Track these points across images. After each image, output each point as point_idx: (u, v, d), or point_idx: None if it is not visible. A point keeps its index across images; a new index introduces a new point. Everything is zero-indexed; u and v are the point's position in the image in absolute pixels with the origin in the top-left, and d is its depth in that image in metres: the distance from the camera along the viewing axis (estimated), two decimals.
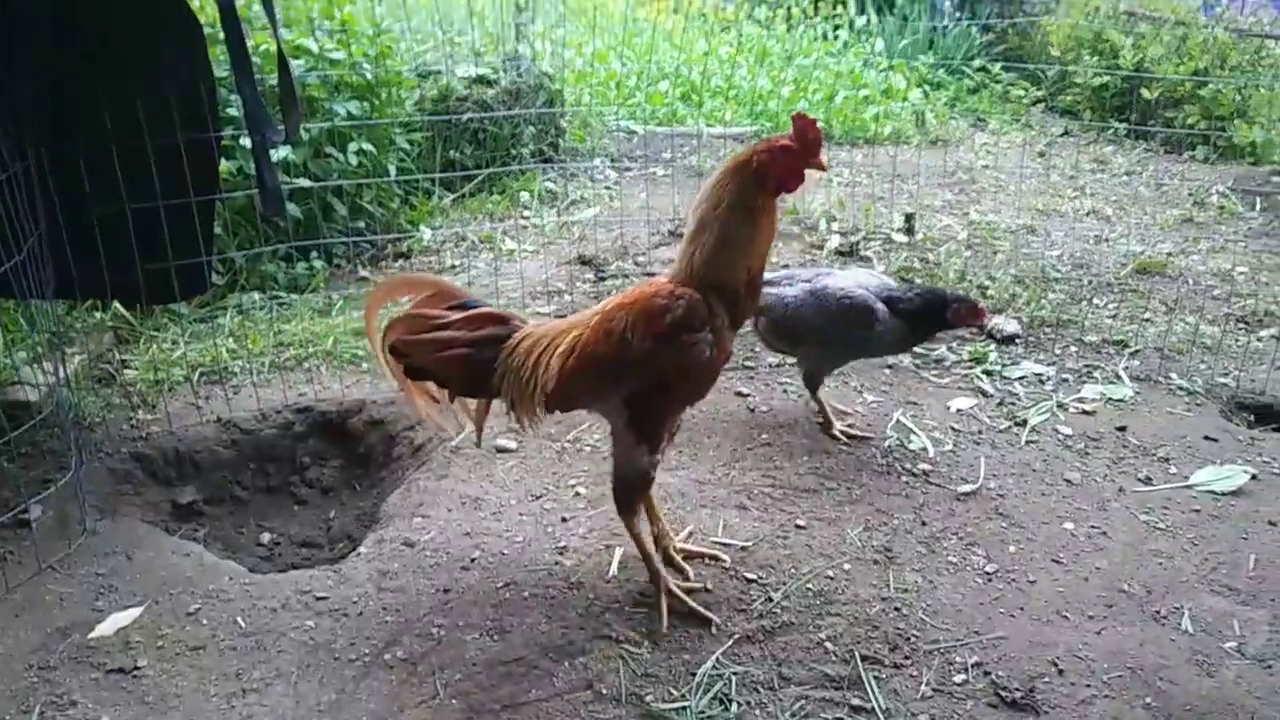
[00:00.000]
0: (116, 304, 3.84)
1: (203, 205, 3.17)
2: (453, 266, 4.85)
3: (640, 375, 2.24)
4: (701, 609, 2.40)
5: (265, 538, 3.21)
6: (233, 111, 4.21)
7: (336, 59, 4.94)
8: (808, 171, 2.21)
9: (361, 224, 5.01)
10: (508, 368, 2.37)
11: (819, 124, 2.19)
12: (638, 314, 2.21)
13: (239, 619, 2.42)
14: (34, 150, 2.83)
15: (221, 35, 2.94)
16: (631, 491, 2.41)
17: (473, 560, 2.61)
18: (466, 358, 2.39)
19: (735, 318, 2.26)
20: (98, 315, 3.94)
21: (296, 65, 4.67)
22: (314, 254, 4.72)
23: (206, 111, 3.06)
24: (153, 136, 2.93)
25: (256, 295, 4.38)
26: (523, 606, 2.43)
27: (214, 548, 3.00)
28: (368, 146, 4.98)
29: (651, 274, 4.67)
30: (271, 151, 4.35)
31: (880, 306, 3.03)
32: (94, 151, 2.93)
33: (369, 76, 5.08)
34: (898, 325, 3.04)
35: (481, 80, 6.09)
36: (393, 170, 5.15)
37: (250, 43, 4.18)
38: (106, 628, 2.42)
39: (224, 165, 4.09)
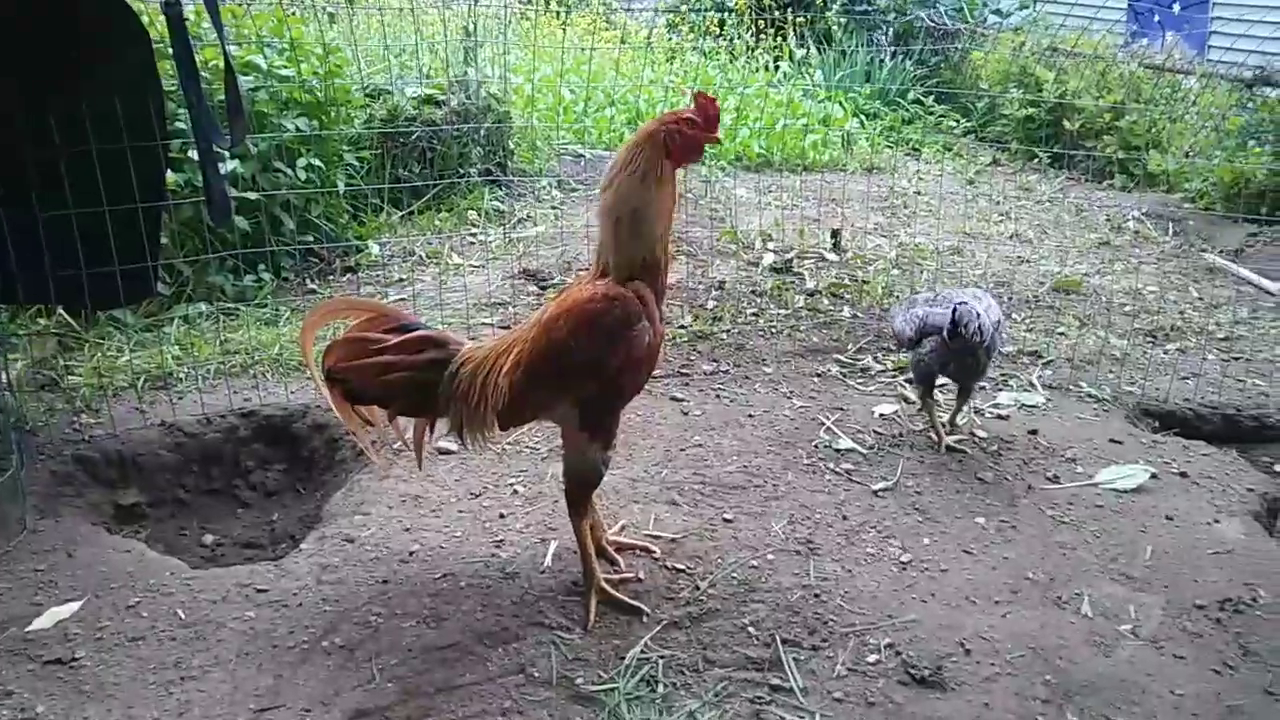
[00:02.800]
0: (61, 311, 3.86)
1: (149, 211, 3.24)
2: (400, 280, 4.93)
3: (589, 378, 2.31)
4: (630, 600, 2.50)
5: (208, 539, 3.25)
6: (181, 125, 4.27)
7: (285, 76, 5.02)
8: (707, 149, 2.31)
9: (310, 238, 5.08)
10: (453, 394, 2.40)
11: (717, 102, 2.32)
12: (576, 322, 2.27)
13: (179, 611, 2.48)
14: None
15: (170, 50, 3.03)
16: (585, 489, 2.47)
17: (412, 554, 2.69)
18: (408, 380, 2.43)
19: (659, 289, 2.33)
20: (41, 322, 3.95)
21: (245, 81, 4.75)
22: (261, 266, 4.78)
23: (154, 120, 3.13)
24: (100, 143, 3.00)
25: (203, 306, 4.42)
26: (459, 596, 2.52)
27: (156, 549, 3.02)
28: (316, 162, 5.05)
29: None
30: (220, 165, 4.49)
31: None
32: (41, 157, 2.98)
33: (318, 94, 5.16)
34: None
35: (430, 101, 6.20)
36: (341, 186, 5.23)
37: (200, 58, 4.26)
38: (44, 621, 2.45)
39: (171, 177, 4.14)
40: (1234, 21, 8.53)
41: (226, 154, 4.53)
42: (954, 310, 3.08)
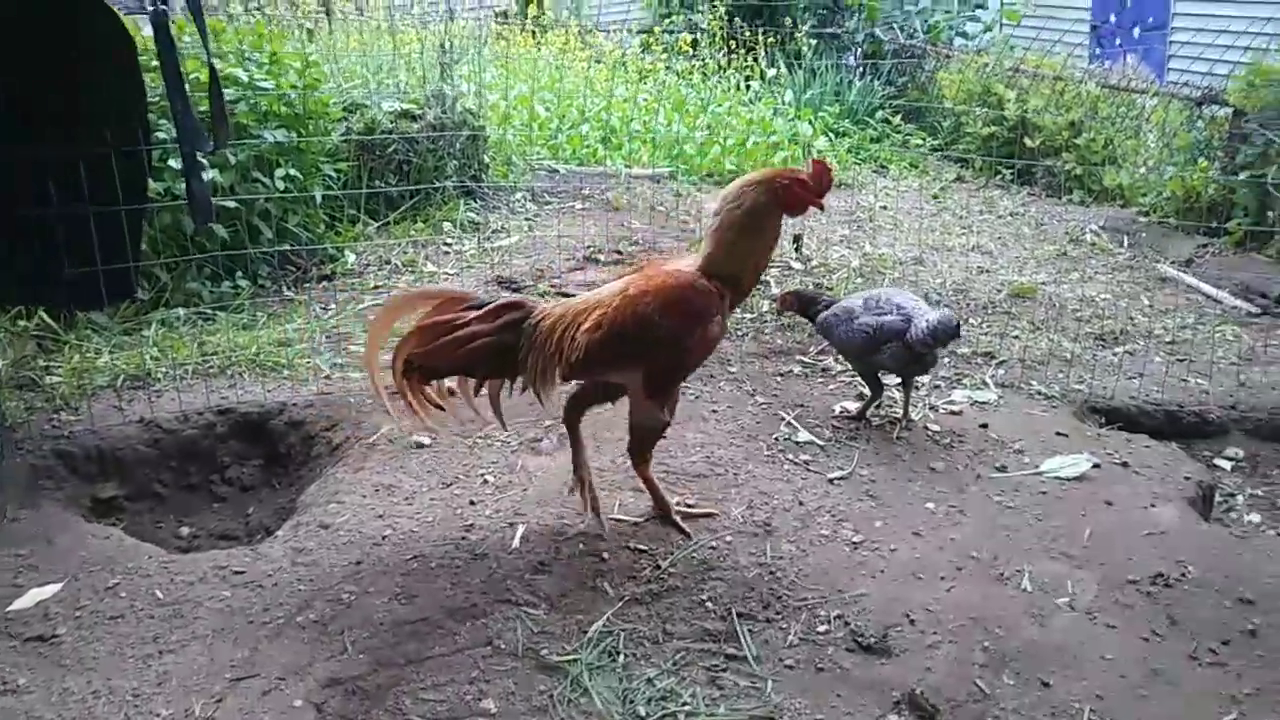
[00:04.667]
0: (41, 313, 3.95)
1: (131, 213, 3.34)
2: (375, 287, 5.04)
3: (664, 350, 2.60)
4: (702, 511, 2.92)
5: (184, 531, 3.34)
6: (162, 135, 4.38)
7: (265, 88, 5.15)
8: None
9: (287, 246, 5.18)
10: (531, 345, 2.65)
11: (833, 171, 2.65)
12: (665, 300, 2.57)
13: (157, 591, 2.57)
14: None
15: (155, 59, 3.15)
16: (648, 442, 2.81)
17: (384, 538, 2.80)
18: (490, 345, 2.66)
19: (734, 304, 2.70)
20: (21, 323, 4.03)
21: (227, 93, 4.87)
22: (239, 274, 4.88)
23: (138, 125, 3.25)
24: (85, 146, 3.11)
25: (181, 311, 4.51)
26: (429, 575, 2.62)
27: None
28: (294, 173, 5.17)
29: (565, 294, 4.93)
30: (203, 173, 4.59)
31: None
32: (26, 157, 3.09)
33: (297, 106, 5.29)
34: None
35: (406, 115, 6.34)
36: (318, 197, 5.35)
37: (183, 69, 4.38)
38: (25, 601, 2.54)
39: (152, 185, 4.24)
40: (1190, 44, 8.83)
41: (206, 163, 4.66)
42: (938, 322, 3.31)
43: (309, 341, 4.23)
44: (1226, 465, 3.81)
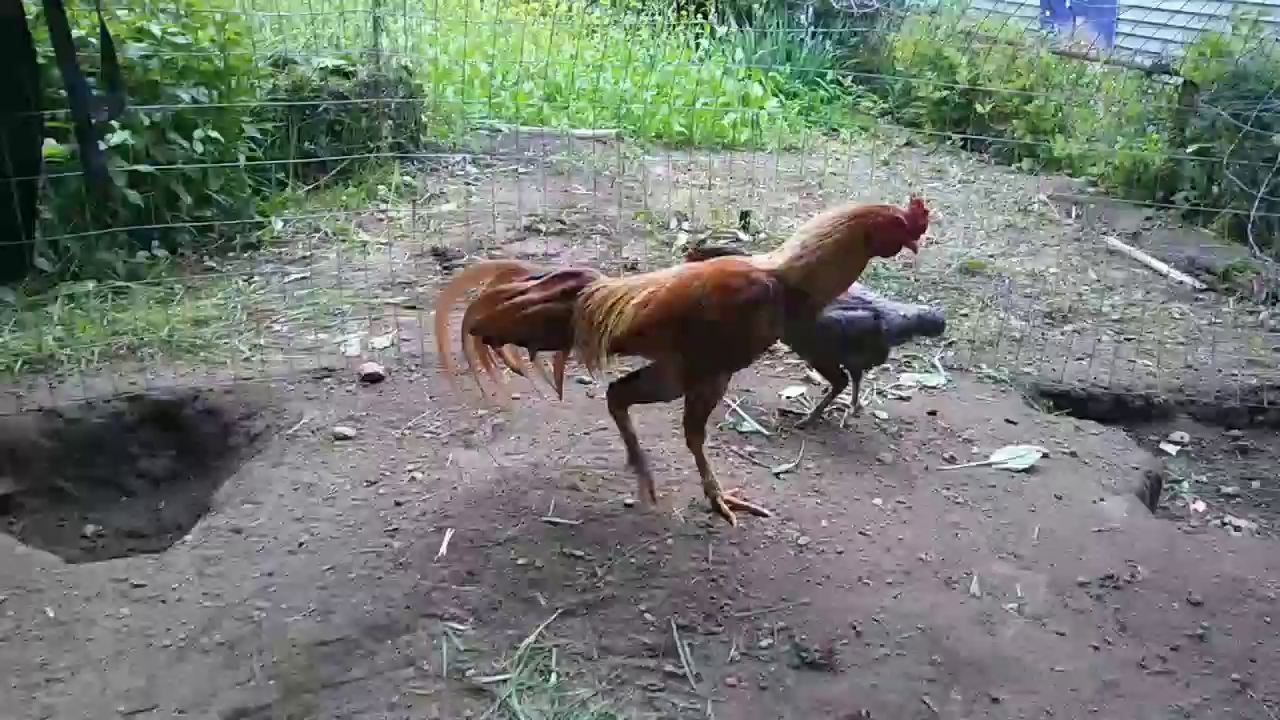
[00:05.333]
0: None
1: (23, 186, 3.05)
2: (304, 257, 4.78)
3: (705, 334, 2.54)
4: (753, 505, 2.84)
5: (89, 530, 3.13)
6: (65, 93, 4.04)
7: (181, 44, 4.80)
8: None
9: (208, 213, 4.88)
10: (581, 314, 2.61)
11: (930, 212, 2.59)
12: (713, 285, 2.52)
13: (48, 609, 2.36)
14: None
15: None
16: (701, 417, 2.74)
17: (301, 544, 2.61)
18: (545, 313, 2.63)
19: (796, 314, 2.59)
20: None
21: (138, 48, 4.53)
22: (155, 242, 4.58)
23: (27, 89, 2.95)
24: None
25: (91, 284, 4.22)
26: (348, 588, 2.45)
27: (33, 541, 2.89)
28: (215, 134, 4.85)
29: None
30: (110, 136, 4.27)
31: None
32: None
33: (218, 63, 4.95)
34: None
35: (338, 72, 6.00)
36: (242, 159, 5.04)
37: (80, 30, 4.05)
38: None
39: (56, 148, 3.93)
40: (1137, 8, 8.75)
41: (116, 125, 4.34)
42: (920, 318, 3.38)
43: (229, 319, 3.97)
44: (1172, 450, 3.79)
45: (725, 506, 2.79)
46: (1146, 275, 5.40)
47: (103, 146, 4.12)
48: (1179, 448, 3.80)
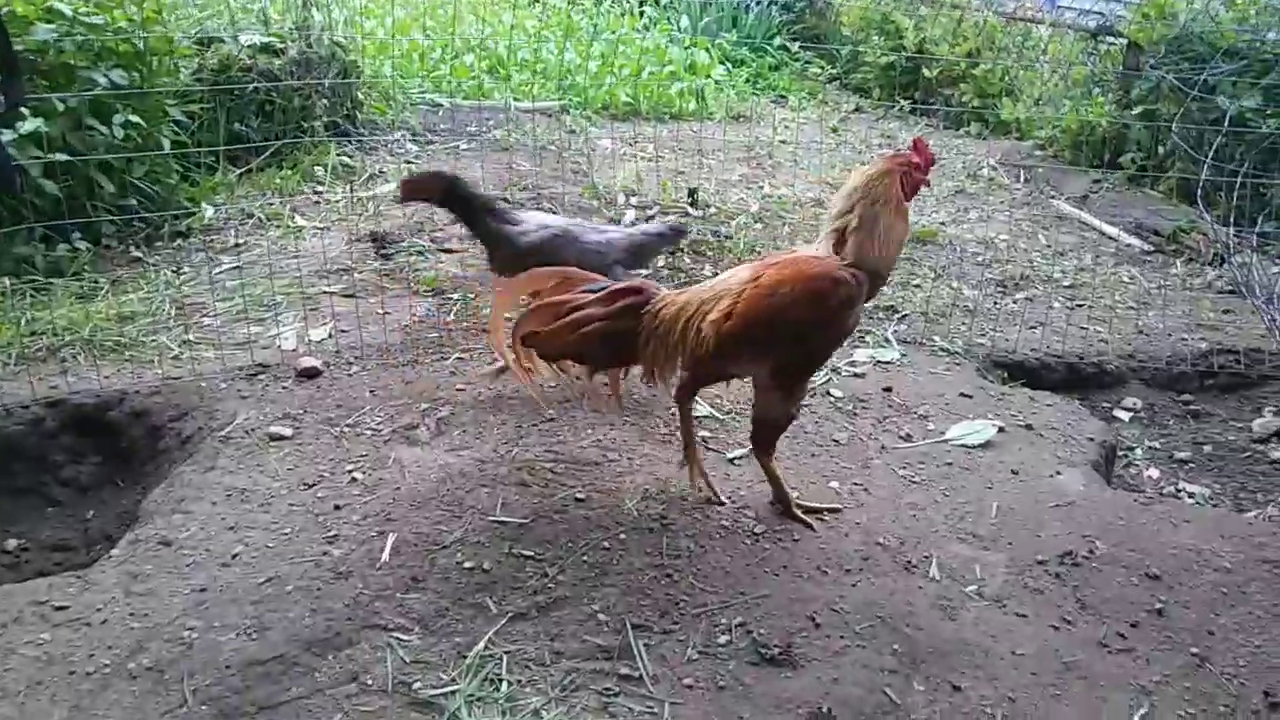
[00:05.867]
0: None
1: None
2: (236, 245, 4.59)
3: (797, 344, 2.49)
4: (823, 505, 2.76)
5: (10, 544, 2.95)
6: None
7: (95, 24, 4.54)
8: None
9: (133, 201, 4.65)
10: (652, 333, 2.55)
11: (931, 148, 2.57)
12: (803, 293, 2.42)
13: None
14: None
15: None
16: (773, 434, 2.68)
17: (234, 556, 2.48)
18: (603, 330, 2.55)
19: (870, 295, 2.53)
20: None
21: (48, 30, 4.28)
22: (76, 235, 4.35)
23: None
24: None
25: (7, 281, 3.99)
26: (285, 601, 2.33)
27: None
28: (136, 119, 4.61)
29: (448, 250, 4.58)
30: (19, 124, 4.03)
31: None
32: None
33: (136, 43, 4.70)
34: None
35: (267, 49, 5.75)
36: (167, 144, 4.81)
37: None
38: None
39: None
40: None
41: (25, 113, 4.09)
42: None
43: (156, 314, 3.79)
44: (1125, 417, 3.79)
45: (800, 514, 2.71)
46: (1095, 239, 5.40)
47: (10, 136, 3.91)
48: (1131, 414, 3.80)
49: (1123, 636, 2.38)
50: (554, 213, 3.81)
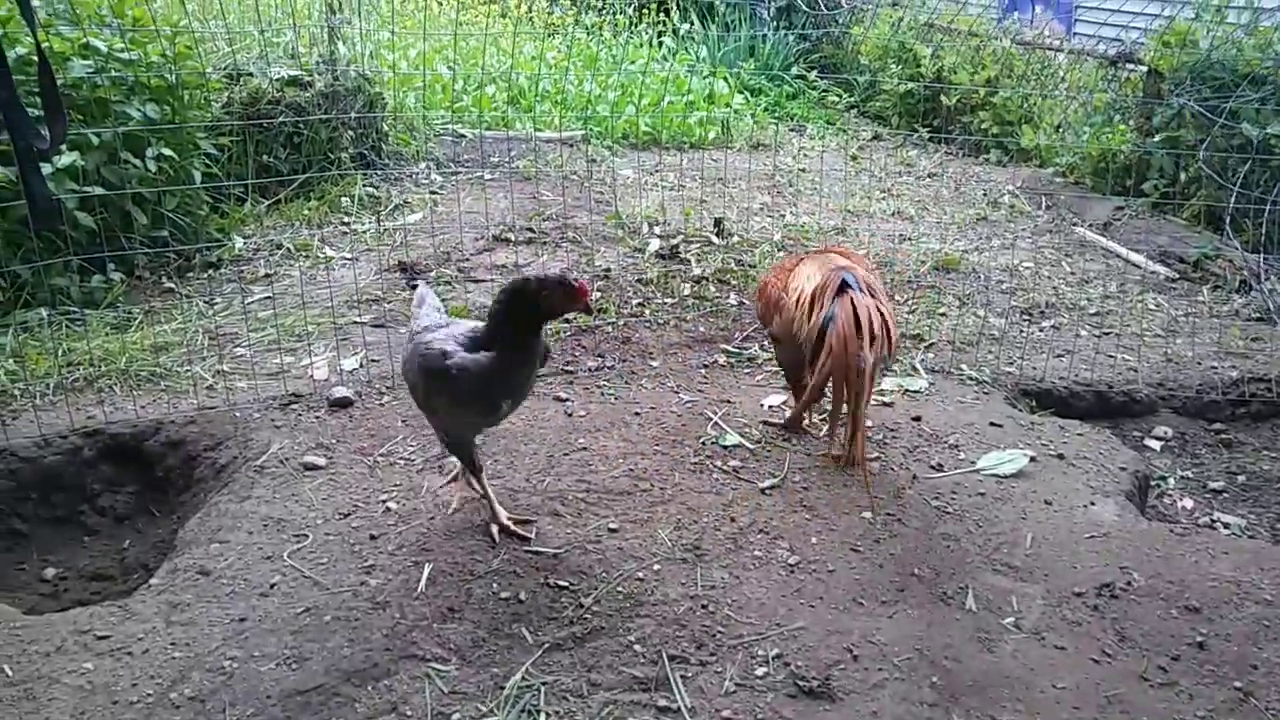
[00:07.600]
0: None
1: None
2: (266, 275, 4.64)
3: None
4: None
5: (49, 573, 2.98)
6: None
7: (129, 60, 4.63)
8: None
9: (165, 233, 4.72)
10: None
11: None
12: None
13: (5, 667, 2.23)
14: None
15: None
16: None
17: (273, 586, 2.50)
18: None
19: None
20: None
21: (84, 66, 4.37)
22: (111, 266, 4.42)
23: None
24: None
25: (44, 311, 4.05)
26: (324, 631, 2.34)
27: None
28: (168, 152, 4.69)
29: (475, 279, 4.62)
30: (55, 159, 4.10)
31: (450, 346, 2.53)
32: None
33: (169, 78, 4.79)
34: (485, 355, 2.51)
35: (295, 82, 5.85)
36: (198, 176, 4.89)
37: (16, 51, 3.90)
38: None
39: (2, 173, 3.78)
40: None
41: (63, 149, 4.17)
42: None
43: (189, 345, 3.83)
44: (1156, 446, 3.76)
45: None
46: (1119, 266, 5.39)
47: (48, 170, 3.98)
48: (1163, 443, 3.77)
49: (1164, 670, 2.36)
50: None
